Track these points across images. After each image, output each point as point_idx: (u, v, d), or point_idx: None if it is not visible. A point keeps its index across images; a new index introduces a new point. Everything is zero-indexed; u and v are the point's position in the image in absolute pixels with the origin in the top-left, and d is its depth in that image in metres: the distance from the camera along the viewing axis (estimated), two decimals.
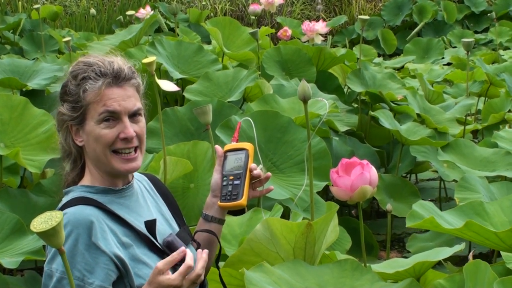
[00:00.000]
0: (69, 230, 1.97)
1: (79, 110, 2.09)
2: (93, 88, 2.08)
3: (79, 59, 2.19)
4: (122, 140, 2.10)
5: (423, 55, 10.69)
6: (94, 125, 2.08)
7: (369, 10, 14.48)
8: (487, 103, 6.29)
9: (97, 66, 2.10)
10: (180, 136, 4.43)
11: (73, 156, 2.17)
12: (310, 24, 6.16)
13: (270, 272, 1.98)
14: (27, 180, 4.59)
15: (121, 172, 2.13)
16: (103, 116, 2.07)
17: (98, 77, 2.08)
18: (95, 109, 2.08)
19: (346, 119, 5.37)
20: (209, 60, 5.67)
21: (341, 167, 2.08)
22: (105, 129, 2.08)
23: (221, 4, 13.95)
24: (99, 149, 2.09)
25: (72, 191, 2.13)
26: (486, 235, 2.54)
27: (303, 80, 2.60)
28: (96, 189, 2.12)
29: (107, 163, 2.11)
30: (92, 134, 2.09)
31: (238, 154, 2.28)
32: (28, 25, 10.23)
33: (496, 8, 13.47)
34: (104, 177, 2.15)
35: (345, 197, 2.07)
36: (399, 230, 5.23)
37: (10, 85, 5.10)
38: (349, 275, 2.11)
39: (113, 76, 2.10)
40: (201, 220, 2.33)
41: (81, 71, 2.10)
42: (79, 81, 2.09)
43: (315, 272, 2.10)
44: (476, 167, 4.51)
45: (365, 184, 2.03)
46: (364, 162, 2.07)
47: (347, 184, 2.03)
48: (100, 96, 2.07)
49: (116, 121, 2.09)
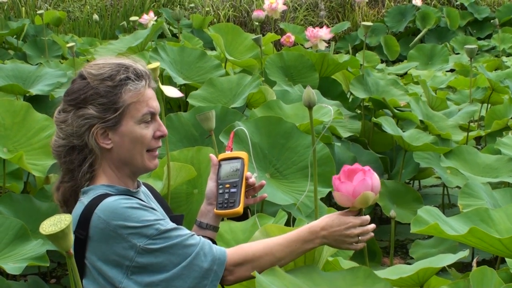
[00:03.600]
0: (124, 205, 2.03)
1: (115, 111, 2.11)
2: (135, 88, 2.13)
3: (94, 62, 2.19)
4: (157, 139, 2.18)
5: (427, 61, 10.69)
6: (133, 125, 2.13)
7: (372, 16, 14.48)
8: (490, 109, 6.28)
9: (133, 68, 2.15)
10: (184, 142, 4.43)
11: (92, 159, 2.14)
12: (314, 30, 6.16)
13: (282, 276, 1.98)
14: (31, 186, 4.60)
15: (151, 169, 2.21)
16: (146, 117, 2.14)
17: (139, 78, 2.14)
18: (137, 109, 2.12)
19: (349, 125, 5.37)
20: (212, 65, 5.67)
21: (343, 173, 2.08)
22: (144, 129, 2.14)
23: (224, 10, 13.97)
24: (137, 149, 2.15)
25: (92, 190, 2.12)
26: (491, 242, 2.54)
27: (308, 87, 2.60)
28: (117, 189, 2.14)
29: (141, 162, 2.17)
30: (131, 135, 2.13)
31: (233, 163, 2.32)
32: (32, 30, 10.24)
33: (499, 15, 13.48)
34: (121, 179, 2.17)
35: (347, 203, 2.07)
36: (402, 237, 5.22)
37: (13, 91, 5.10)
38: (362, 283, 2.11)
39: (148, 77, 2.18)
40: (196, 228, 2.35)
41: (118, 72, 2.13)
42: (118, 82, 2.11)
43: (328, 278, 2.10)
44: (479, 174, 4.51)
45: (367, 190, 2.03)
46: (366, 168, 2.07)
47: (349, 190, 2.04)
48: (141, 96, 2.13)
49: (151, 121, 2.17)
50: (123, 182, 2.18)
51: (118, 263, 2.03)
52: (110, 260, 2.03)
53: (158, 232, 2.02)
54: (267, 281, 1.91)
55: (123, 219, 2.01)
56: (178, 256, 2.03)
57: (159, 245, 2.02)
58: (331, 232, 2.08)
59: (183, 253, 2.03)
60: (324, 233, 2.08)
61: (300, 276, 2.04)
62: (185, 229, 2.10)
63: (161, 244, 2.02)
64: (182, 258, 2.03)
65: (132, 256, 2.01)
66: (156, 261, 2.02)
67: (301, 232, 2.09)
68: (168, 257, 2.02)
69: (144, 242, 2.01)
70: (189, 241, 2.05)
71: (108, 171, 2.16)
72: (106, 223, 2.01)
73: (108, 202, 2.04)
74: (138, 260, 2.01)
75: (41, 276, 4.31)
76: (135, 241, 2.01)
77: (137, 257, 2.01)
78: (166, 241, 2.03)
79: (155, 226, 2.03)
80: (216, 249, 2.07)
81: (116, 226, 2.00)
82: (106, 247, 2.02)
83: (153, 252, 2.02)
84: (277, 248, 2.07)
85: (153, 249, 2.01)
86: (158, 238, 2.02)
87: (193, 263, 2.03)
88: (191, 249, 2.04)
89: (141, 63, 2.21)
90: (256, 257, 2.06)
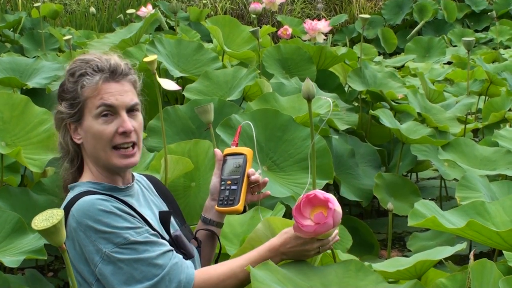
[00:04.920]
0: (98, 208, 1.99)
1: (76, 106, 2.11)
2: (90, 83, 2.10)
3: (76, 57, 2.21)
4: (120, 135, 2.11)
5: (424, 54, 10.69)
6: (92, 120, 2.10)
7: (370, 9, 14.47)
8: (488, 102, 6.29)
9: (94, 62, 2.12)
10: (181, 135, 4.43)
11: (71, 155, 2.18)
12: (313, 23, 6.15)
13: (275, 270, 1.98)
14: (28, 179, 4.59)
15: (120, 168, 2.14)
16: (101, 110, 2.09)
17: (95, 73, 2.11)
18: (92, 103, 2.09)
19: (346, 117, 5.37)
20: (209, 58, 5.66)
21: (304, 204, 2.04)
22: (103, 124, 2.10)
23: (221, 2, 13.94)
24: (99, 145, 2.11)
25: (78, 186, 2.13)
26: (488, 235, 2.54)
27: (307, 79, 2.60)
28: (103, 186, 2.13)
29: (106, 159, 2.12)
30: (90, 130, 2.10)
31: (237, 159, 2.30)
32: (28, 23, 10.22)
33: (497, 7, 13.48)
34: (104, 175, 2.16)
35: (308, 236, 2.06)
36: (400, 229, 5.23)
37: (10, 84, 5.09)
38: (353, 276, 2.11)
39: (110, 71, 2.12)
40: (200, 223, 2.37)
41: (78, 68, 2.13)
42: (76, 77, 2.11)
43: (319, 271, 2.10)
44: (476, 166, 4.51)
45: (329, 230, 2.03)
46: (329, 198, 2.03)
47: (310, 230, 2.02)
48: (97, 91, 2.10)
49: (114, 115, 2.11)
50: (109, 178, 2.16)
51: (89, 264, 2.01)
52: (83, 259, 2.02)
53: (126, 242, 1.98)
54: (261, 275, 1.91)
55: (94, 221, 1.98)
56: (141, 273, 1.97)
57: (125, 255, 1.97)
58: (289, 249, 2.07)
59: (147, 271, 1.98)
60: (283, 250, 2.07)
61: (292, 270, 2.05)
62: (161, 243, 2.04)
63: (127, 255, 1.97)
64: (145, 277, 1.97)
65: (97, 261, 1.98)
66: (118, 272, 1.97)
67: (261, 252, 2.08)
68: (130, 271, 1.97)
69: (110, 248, 1.97)
70: (157, 260, 1.99)
71: (91, 166, 2.16)
72: (78, 223, 1.99)
73: (83, 201, 2.01)
74: (101, 267, 1.97)
75: (38, 270, 4.31)
76: (101, 246, 1.97)
77: (100, 264, 1.97)
78: (132, 253, 1.98)
79: (124, 235, 1.98)
80: (184, 275, 2.01)
81: (86, 227, 1.98)
82: (79, 246, 2.01)
83: (116, 262, 1.97)
84: (240, 270, 2.04)
85: (118, 259, 1.97)
86: (125, 248, 1.98)
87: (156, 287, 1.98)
88: (157, 270, 1.98)
89: (114, 58, 2.16)
90: (220, 281, 2.04)
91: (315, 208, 2.03)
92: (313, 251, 2.09)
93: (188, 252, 2.18)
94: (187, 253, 2.16)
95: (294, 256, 2.09)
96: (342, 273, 2.11)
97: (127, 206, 2.07)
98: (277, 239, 2.09)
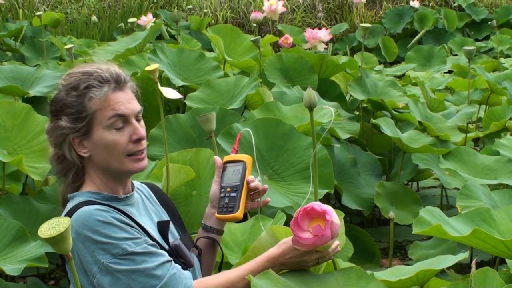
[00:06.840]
0: (96, 218, 1.99)
1: (83, 120, 2.08)
2: (99, 95, 2.08)
3: (69, 71, 2.18)
4: (134, 142, 2.12)
5: (424, 63, 10.70)
6: (103, 132, 2.09)
7: (370, 18, 14.50)
8: (488, 111, 6.29)
9: (98, 74, 2.11)
10: (182, 143, 4.43)
11: (76, 169, 2.16)
12: (313, 31, 6.16)
13: (276, 279, 1.98)
14: (29, 187, 4.59)
15: (134, 172, 2.15)
16: (113, 121, 2.08)
17: (102, 84, 2.09)
18: (103, 115, 2.08)
19: (347, 126, 5.37)
20: (210, 67, 5.66)
21: (301, 217, 2.05)
22: (116, 134, 2.09)
23: (222, 11, 13.97)
24: (112, 155, 2.10)
25: (77, 196, 2.13)
26: (493, 243, 2.53)
27: (309, 88, 2.60)
28: (103, 196, 2.13)
29: (119, 167, 2.12)
30: (102, 142, 2.09)
31: (237, 166, 2.30)
32: (30, 32, 10.24)
33: (497, 16, 13.50)
34: (107, 185, 2.15)
35: (307, 249, 2.06)
36: (401, 238, 5.23)
37: (12, 92, 5.10)
38: (355, 283, 2.11)
39: (115, 80, 2.12)
40: (200, 230, 2.37)
41: (81, 81, 2.10)
42: (81, 90, 2.09)
43: (320, 279, 2.10)
44: (477, 175, 4.51)
45: (327, 242, 2.03)
46: (327, 210, 2.03)
47: (309, 242, 2.03)
48: (107, 102, 2.08)
49: (125, 124, 2.11)
50: (110, 188, 2.16)
51: (87, 274, 2.01)
52: (81, 270, 2.02)
53: (124, 252, 1.98)
54: (262, 284, 1.92)
55: (92, 232, 1.98)
56: (139, 284, 1.98)
57: (123, 266, 1.98)
58: (288, 259, 2.08)
59: (145, 282, 1.98)
60: (281, 260, 2.08)
61: (293, 279, 2.05)
62: (160, 254, 2.05)
63: (125, 266, 1.98)
64: (143, 287, 1.98)
65: (95, 271, 1.98)
66: (116, 283, 1.97)
67: (260, 262, 2.08)
68: (128, 282, 1.97)
69: (108, 259, 1.97)
70: (155, 271, 2.00)
71: (94, 177, 2.15)
72: (77, 233, 1.99)
73: (82, 211, 2.01)
74: (99, 278, 1.98)
75: (40, 278, 4.31)
76: (100, 257, 1.97)
77: (99, 274, 1.98)
78: (130, 264, 1.98)
79: (122, 246, 1.99)
80: (182, 286, 2.02)
81: (85, 238, 1.98)
82: (77, 257, 2.01)
83: (114, 273, 1.97)
84: (238, 280, 2.05)
85: (116, 269, 1.97)
86: (123, 259, 1.98)
87: None
88: (155, 281, 1.99)
89: (113, 68, 2.15)
90: None
91: (313, 221, 2.03)
92: (311, 262, 2.09)
93: (188, 261, 2.18)
94: (186, 262, 2.17)
95: (293, 267, 2.10)
96: (343, 281, 2.11)
97: (126, 216, 2.07)
98: (276, 249, 2.09)
